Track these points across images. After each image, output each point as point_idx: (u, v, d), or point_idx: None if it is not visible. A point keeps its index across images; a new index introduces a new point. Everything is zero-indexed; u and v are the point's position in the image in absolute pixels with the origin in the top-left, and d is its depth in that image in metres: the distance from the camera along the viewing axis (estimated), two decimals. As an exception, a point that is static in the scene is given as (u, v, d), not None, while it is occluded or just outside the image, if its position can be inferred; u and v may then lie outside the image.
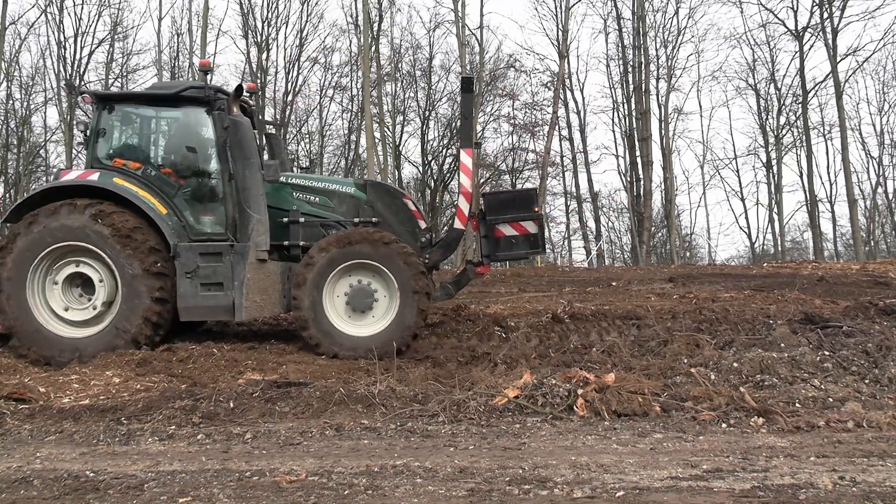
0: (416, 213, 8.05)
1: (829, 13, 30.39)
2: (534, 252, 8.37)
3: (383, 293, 7.38)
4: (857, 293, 10.64)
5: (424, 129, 36.95)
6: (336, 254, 7.28)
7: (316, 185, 8.07)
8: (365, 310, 7.35)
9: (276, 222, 7.74)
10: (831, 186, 38.10)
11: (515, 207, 8.02)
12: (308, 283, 7.23)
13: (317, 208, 7.93)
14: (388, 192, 8.21)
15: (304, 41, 35.06)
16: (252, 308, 7.26)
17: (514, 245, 7.97)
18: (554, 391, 4.98)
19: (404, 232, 7.85)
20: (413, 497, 3.33)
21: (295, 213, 7.84)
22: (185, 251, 7.18)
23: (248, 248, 7.23)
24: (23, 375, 6.39)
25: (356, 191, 8.01)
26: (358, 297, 7.34)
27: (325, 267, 7.26)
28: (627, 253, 39.41)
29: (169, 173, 7.55)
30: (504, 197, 8.70)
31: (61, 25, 31.89)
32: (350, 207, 7.94)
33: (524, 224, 7.94)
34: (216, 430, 4.66)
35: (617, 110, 36.27)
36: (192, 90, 7.48)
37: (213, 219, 7.52)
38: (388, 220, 7.89)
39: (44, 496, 3.53)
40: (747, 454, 3.86)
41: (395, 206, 8.00)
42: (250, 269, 7.20)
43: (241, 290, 7.14)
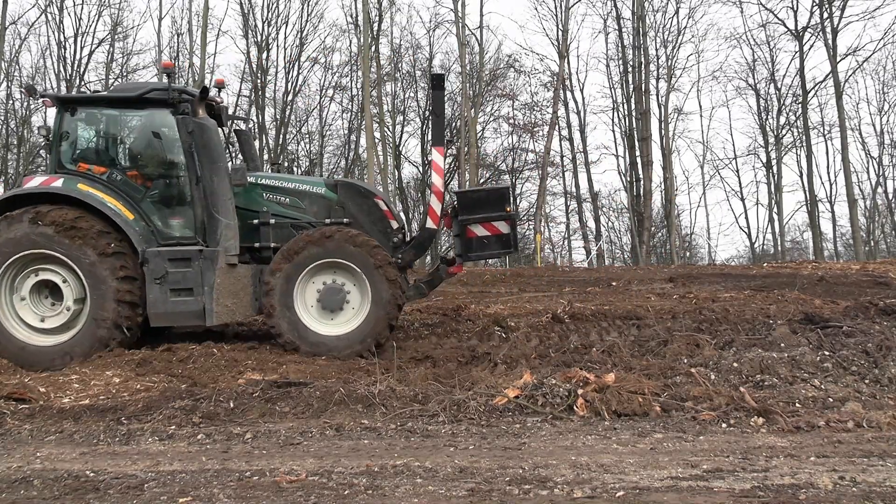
0: (388, 213, 7.99)
1: (829, 13, 30.41)
2: (505, 252, 8.34)
3: (355, 292, 7.37)
4: (857, 293, 10.65)
5: (424, 129, 36.96)
6: (307, 253, 7.26)
7: (286, 185, 7.99)
8: (337, 309, 7.34)
9: (247, 224, 7.68)
10: (831, 186, 38.11)
11: (488, 206, 7.99)
12: (279, 283, 7.21)
13: (287, 209, 7.85)
14: (360, 192, 8.13)
15: (304, 41, 35.09)
16: (223, 313, 7.21)
17: (486, 245, 7.94)
18: (554, 391, 4.98)
19: (376, 232, 7.80)
20: (413, 497, 3.33)
21: (265, 215, 7.77)
22: (153, 257, 7.11)
23: (217, 254, 7.17)
24: (23, 375, 6.40)
25: (327, 191, 7.94)
26: (330, 296, 7.32)
27: (295, 267, 7.24)
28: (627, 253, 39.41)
29: (135, 177, 7.47)
30: (476, 195, 8.68)
31: (61, 25, 31.92)
32: (321, 208, 7.88)
33: (496, 224, 7.91)
34: (216, 430, 4.66)
35: (617, 110, 36.31)
36: (156, 92, 7.40)
37: (181, 222, 7.45)
38: (359, 220, 7.84)
39: (44, 496, 3.53)
40: (747, 454, 3.86)
41: (367, 206, 7.93)
42: (220, 273, 7.14)
43: (211, 295, 7.08)
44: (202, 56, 30.35)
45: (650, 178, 32.68)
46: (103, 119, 7.77)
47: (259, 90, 33.81)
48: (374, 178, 29.03)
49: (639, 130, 32.86)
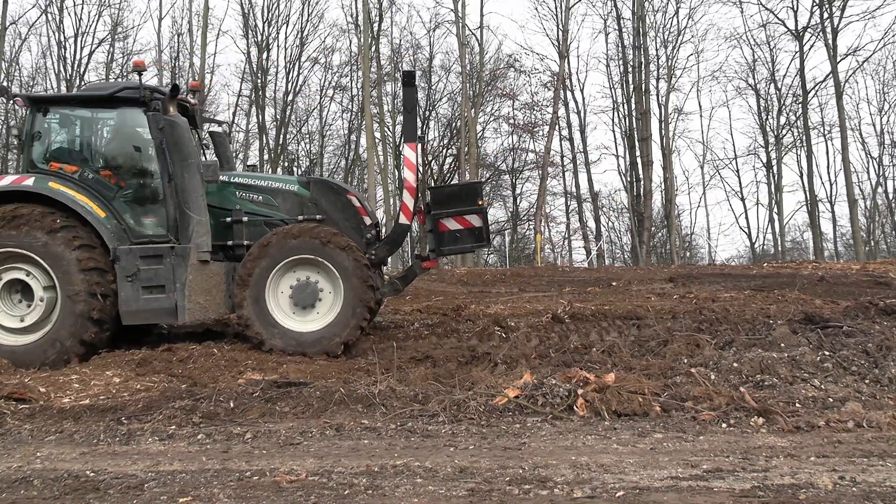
0: (361, 210, 8.01)
1: (829, 13, 30.42)
2: (479, 245, 8.35)
3: (328, 289, 7.37)
4: (857, 293, 10.64)
5: (424, 129, 36.94)
6: (278, 250, 7.26)
7: (259, 183, 8.00)
8: (309, 306, 7.34)
9: (220, 222, 7.70)
10: (831, 186, 38.12)
11: (460, 201, 8.03)
12: (251, 280, 7.21)
13: (260, 207, 7.86)
14: (332, 189, 8.15)
15: (305, 41, 35.11)
16: (196, 310, 7.20)
17: (458, 239, 7.97)
18: (554, 391, 4.98)
19: (349, 228, 7.82)
20: (413, 497, 3.33)
21: (238, 213, 7.78)
22: (125, 254, 7.10)
23: (189, 250, 7.16)
24: (23, 375, 6.39)
25: (300, 188, 7.95)
26: (302, 293, 7.33)
27: (268, 264, 7.24)
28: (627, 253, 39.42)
29: (107, 175, 7.46)
30: (449, 191, 8.73)
31: (61, 25, 31.95)
32: (294, 205, 7.88)
33: (468, 217, 7.95)
34: (216, 430, 4.66)
35: (617, 110, 36.33)
36: (128, 91, 7.40)
37: (154, 221, 7.45)
38: (332, 216, 7.85)
39: (44, 496, 3.53)
40: (747, 454, 3.86)
41: (340, 203, 7.94)
42: (192, 270, 7.15)
43: (183, 292, 7.08)
44: (202, 56, 30.38)
45: (650, 178, 32.71)
46: (75, 118, 7.78)
47: (259, 90, 33.83)
48: (374, 178, 29.05)
49: (639, 130, 32.87)
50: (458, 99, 34.67)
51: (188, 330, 8.57)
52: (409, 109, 8.13)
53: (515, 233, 38.80)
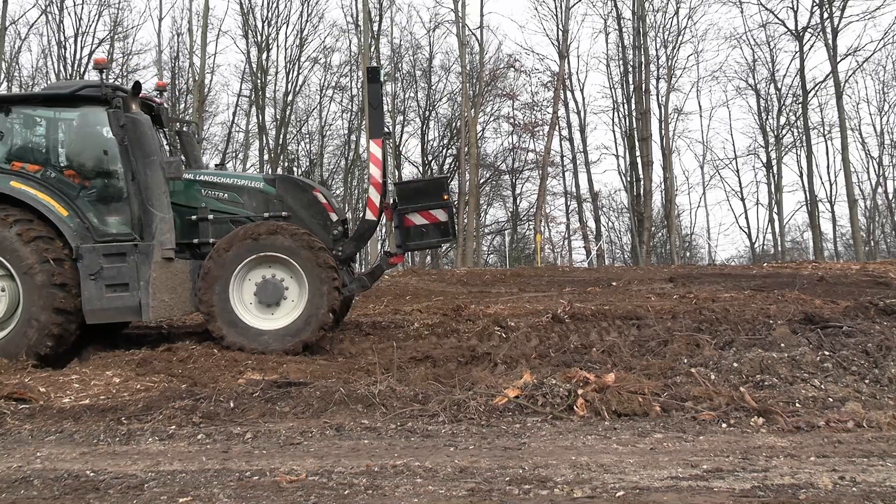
0: (327, 206, 8.00)
1: (829, 13, 30.41)
2: (444, 240, 8.38)
3: (293, 287, 7.36)
4: (857, 293, 10.65)
5: (424, 129, 37.00)
6: (243, 247, 7.25)
7: (224, 181, 7.99)
8: (273, 303, 7.34)
9: (186, 220, 7.70)
10: (831, 186, 38.02)
11: (426, 196, 8.04)
12: (214, 277, 7.20)
13: (226, 205, 7.85)
14: (298, 185, 8.15)
15: (304, 41, 35.10)
16: (160, 308, 7.19)
17: (424, 234, 7.99)
18: (554, 391, 4.98)
19: (315, 225, 7.81)
20: (413, 497, 3.33)
21: (204, 211, 7.77)
22: (87, 253, 7.08)
23: (152, 248, 7.15)
24: (23, 375, 6.40)
25: (265, 185, 7.96)
26: (267, 290, 7.32)
27: (232, 261, 7.23)
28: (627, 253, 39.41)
29: (70, 175, 7.45)
30: (415, 186, 8.76)
31: (61, 25, 31.94)
32: (259, 202, 7.88)
33: (434, 212, 7.96)
34: (216, 430, 4.66)
35: (617, 110, 36.31)
36: (89, 89, 7.39)
37: (118, 219, 7.44)
38: (298, 213, 7.84)
39: (44, 496, 3.53)
40: (747, 454, 3.86)
41: (306, 200, 7.94)
42: (156, 268, 7.13)
43: (147, 290, 7.07)
44: (202, 56, 30.38)
45: (650, 178, 32.69)
46: (37, 118, 7.75)
47: (259, 90, 33.81)
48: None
49: (639, 130, 32.86)
50: (458, 99, 34.68)
51: (188, 330, 8.58)
52: (375, 105, 8.11)
53: (515, 233, 38.82)
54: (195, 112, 29.46)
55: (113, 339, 7.73)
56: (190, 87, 32.40)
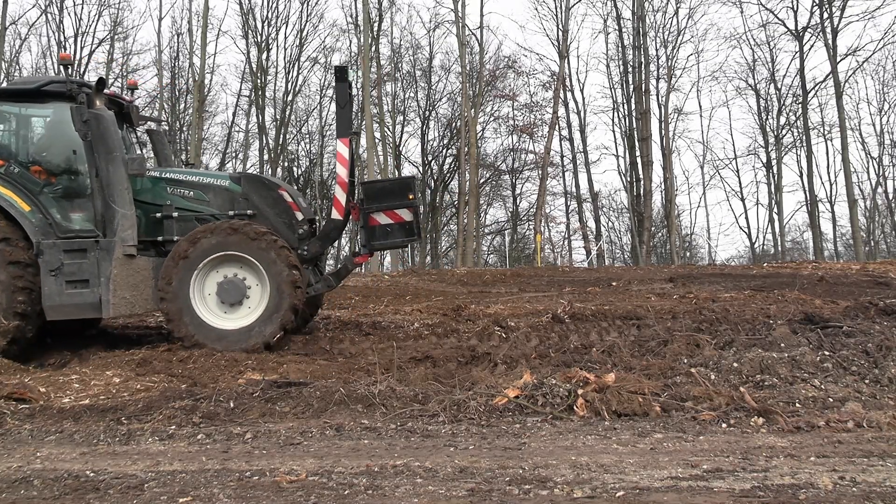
0: (293, 205, 7.97)
1: (829, 13, 30.43)
2: (409, 240, 8.33)
3: (255, 285, 7.34)
4: (857, 293, 10.65)
5: (424, 129, 37.02)
6: (204, 246, 7.23)
7: (190, 179, 7.97)
8: (236, 303, 7.32)
9: (151, 217, 7.68)
10: (831, 186, 38.09)
11: (392, 196, 8.02)
12: (175, 276, 7.18)
13: (191, 202, 7.84)
14: (264, 184, 8.14)
15: (304, 41, 35.13)
16: (121, 304, 7.17)
17: (389, 233, 7.97)
18: (554, 391, 4.98)
19: (281, 224, 7.80)
20: (413, 497, 3.33)
21: (169, 208, 7.75)
22: (48, 248, 7.07)
23: (113, 244, 7.12)
24: (23, 375, 6.40)
25: (231, 184, 7.94)
26: (228, 289, 7.30)
27: (193, 259, 7.21)
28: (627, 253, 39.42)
29: (36, 171, 7.42)
30: (381, 185, 8.75)
31: (61, 25, 31.95)
32: (225, 200, 7.86)
33: (398, 212, 7.94)
34: (216, 430, 4.66)
35: (617, 110, 36.35)
36: (54, 84, 7.37)
37: (81, 215, 7.42)
38: (264, 212, 7.82)
39: (44, 496, 3.53)
40: (747, 454, 3.86)
41: (272, 199, 7.92)
42: (117, 264, 7.11)
43: (107, 287, 7.05)
44: (202, 56, 30.38)
45: (650, 178, 32.73)
46: (3, 113, 7.71)
47: (259, 90, 33.82)
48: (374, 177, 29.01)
49: (639, 130, 32.88)
50: (458, 99, 34.68)
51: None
52: (342, 105, 8.09)
53: (515, 233, 38.83)
54: (195, 112, 29.47)
55: (113, 339, 7.73)
56: (190, 87, 32.42)
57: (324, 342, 7.97)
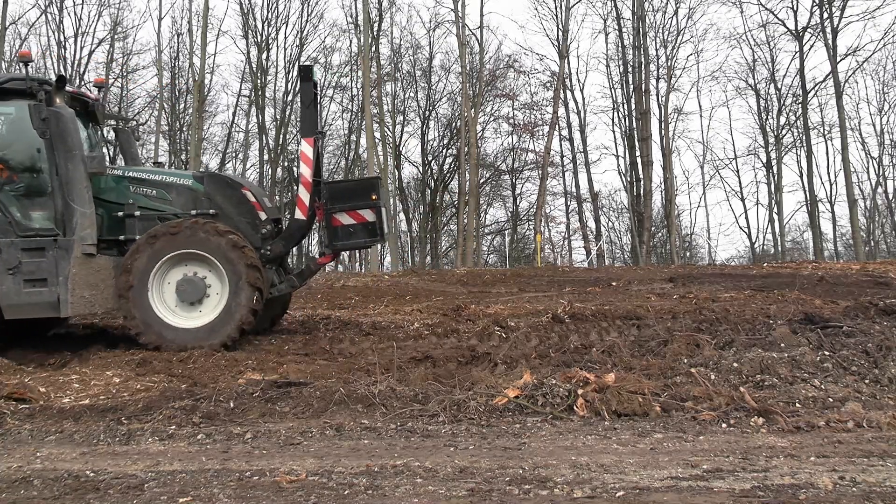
0: (256, 205, 7.94)
1: (829, 13, 30.44)
2: (372, 241, 8.27)
3: (215, 285, 7.31)
4: (857, 293, 10.64)
5: (424, 129, 37.04)
6: (162, 245, 7.19)
7: (153, 177, 7.93)
8: (195, 301, 7.29)
9: (113, 216, 7.65)
10: (831, 186, 38.07)
11: (355, 196, 8.00)
12: (132, 275, 7.15)
13: (154, 201, 7.80)
14: (227, 183, 8.11)
15: (304, 41, 35.13)
16: (80, 304, 7.14)
17: (351, 234, 7.94)
18: (554, 391, 4.98)
19: (244, 223, 7.77)
20: (413, 497, 3.33)
21: (131, 207, 7.72)
22: (6, 247, 7.04)
23: (72, 243, 7.09)
24: (23, 375, 6.40)
25: (194, 183, 7.91)
26: (187, 288, 7.27)
27: (151, 258, 7.18)
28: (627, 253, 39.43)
29: None
30: (345, 185, 8.77)
31: (61, 25, 32.00)
32: (188, 200, 7.82)
33: (361, 212, 7.90)
34: (216, 430, 4.66)
35: (617, 110, 36.36)
36: (14, 82, 7.34)
37: (42, 214, 7.37)
38: (227, 211, 7.79)
39: (44, 496, 3.53)
40: (747, 454, 3.86)
41: (235, 198, 7.89)
42: (76, 263, 7.07)
43: (66, 286, 7.00)
44: (202, 56, 30.38)
45: (650, 178, 32.74)
46: None
47: (259, 90, 33.82)
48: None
49: (639, 130, 32.89)
50: (458, 99, 34.68)
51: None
52: (307, 104, 8.09)
53: (515, 233, 38.84)
54: (195, 112, 29.47)
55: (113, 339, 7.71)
56: (190, 87, 32.42)
57: (324, 342, 7.97)
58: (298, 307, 11.61)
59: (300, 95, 8.28)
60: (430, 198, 37.16)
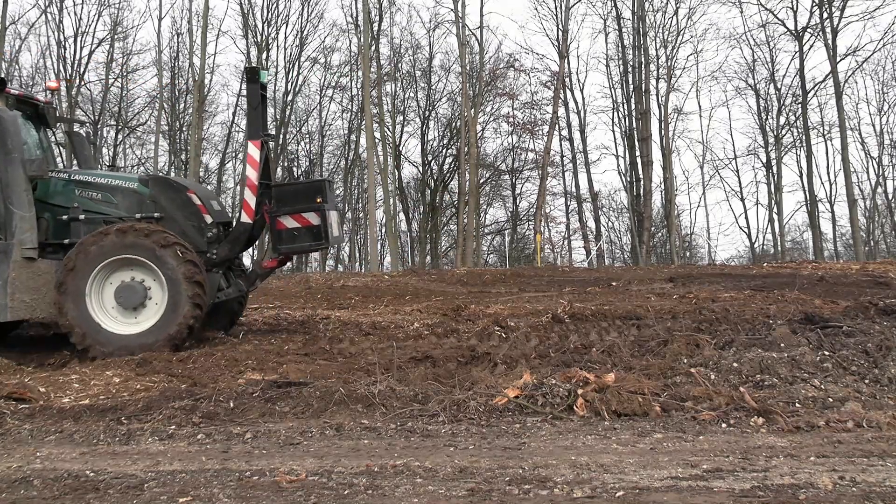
0: (202, 208, 7.85)
1: (829, 13, 30.42)
2: (317, 245, 8.13)
3: (157, 290, 7.22)
4: (857, 293, 10.64)
5: (424, 129, 37.02)
6: (98, 250, 7.11)
7: (98, 180, 7.86)
8: (136, 307, 7.20)
9: (59, 220, 7.60)
10: (831, 186, 37.99)
11: (302, 199, 7.88)
12: (70, 281, 7.07)
13: (99, 204, 7.73)
14: (172, 186, 8.02)
15: (304, 41, 35.14)
16: (20, 308, 7.08)
17: (296, 237, 7.83)
18: (554, 391, 4.98)
19: (189, 226, 7.69)
20: (413, 497, 3.33)
21: (76, 210, 7.64)
22: None
23: (11, 247, 7.04)
24: (23, 375, 6.40)
25: (139, 186, 7.83)
26: (127, 294, 7.18)
27: (89, 264, 7.09)
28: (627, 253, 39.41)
29: None
30: (292, 188, 8.58)
31: (61, 25, 32.00)
32: (133, 203, 7.74)
33: (306, 216, 7.79)
34: (216, 430, 4.66)
35: (617, 110, 36.34)
36: None
37: None
38: (172, 214, 7.71)
39: (44, 496, 3.53)
40: (747, 454, 3.86)
41: (180, 201, 7.80)
42: (16, 267, 7.02)
43: (4, 290, 6.96)
44: (202, 56, 30.36)
45: (650, 178, 32.74)
46: None
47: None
48: (374, 178, 29.04)
49: (639, 130, 32.90)
50: (458, 99, 34.66)
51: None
52: (254, 106, 7.96)
53: (515, 233, 38.82)
54: (195, 112, 29.47)
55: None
56: (190, 87, 32.41)
57: (324, 342, 7.96)
58: (298, 307, 11.61)
59: (247, 97, 8.17)
60: (430, 198, 37.15)
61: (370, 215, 29.59)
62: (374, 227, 30.07)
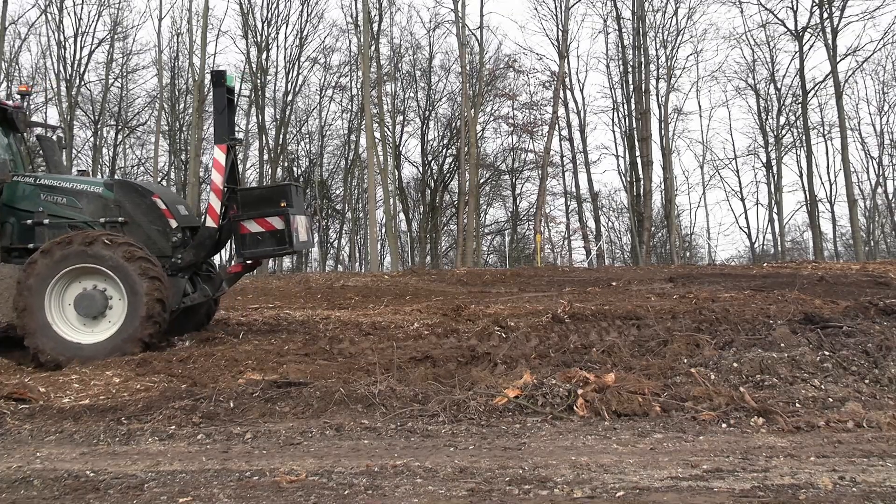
0: (167, 212, 7.78)
1: (829, 13, 30.42)
2: (280, 250, 8.00)
3: (117, 297, 7.13)
4: (857, 293, 10.65)
5: (424, 129, 37.04)
6: (57, 258, 7.02)
7: (63, 185, 7.81)
8: (97, 315, 7.11)
9: (23, 224, 7.55)
10: (831, 186, 38.02)
11: (267, 203, 7.82)
12: (29, 289, 6.98)
13: (64, 209, 7.67)
14: (137, 190, 7.96)
15: (304, 41, 35.13)
16: None
17: (260, 242, 7.77)
18: (554, 391, 4.98)
19: (154, 231, 7.65)
20: (413, 497, 3.33)
21: (41, 215, 7.59)
22: None
23: None
24: (23, 375, 6.40)
25: (104, 190, 7.77)
26: (87, 302, 7.08)
27: (47, 272, 7.00)
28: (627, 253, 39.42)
29: None
30: (258, 193, 8.53)
31: (61, 25, 32.00)
32: (97, 207, 7.68)
33: (270, 220, 7.72)
34: (216, 430, 4.66)
35: (617, 110, 36.35)
36: None
37: None
38: (136, 219, 7.65)
39: (44, 496, 3.53)
40: (747, 454, 3.86)
41: (145, 205, 7.74)
42: None
43: None
44: (202, 56, 30.35)
45: (650, 178, 32.75)
46: None
47: (259, 90, 33.81)
48: (374, 178, 29.03)
49: (639, 130, 32.90)
50: (458, 99, 34.67)
51: (190, 330, 8.56)
52: (220, 110, 7.92)
53: (515, 233, 38.84)
54: (195, 112, 29.47)
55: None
56: (190, 87, 32.41)
57: (324, 342, 7.96)
58: (298, 307, 11.62)
59: (213, 101, 8.10)
60: (430, 198, 37.17)
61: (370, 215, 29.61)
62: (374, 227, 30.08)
